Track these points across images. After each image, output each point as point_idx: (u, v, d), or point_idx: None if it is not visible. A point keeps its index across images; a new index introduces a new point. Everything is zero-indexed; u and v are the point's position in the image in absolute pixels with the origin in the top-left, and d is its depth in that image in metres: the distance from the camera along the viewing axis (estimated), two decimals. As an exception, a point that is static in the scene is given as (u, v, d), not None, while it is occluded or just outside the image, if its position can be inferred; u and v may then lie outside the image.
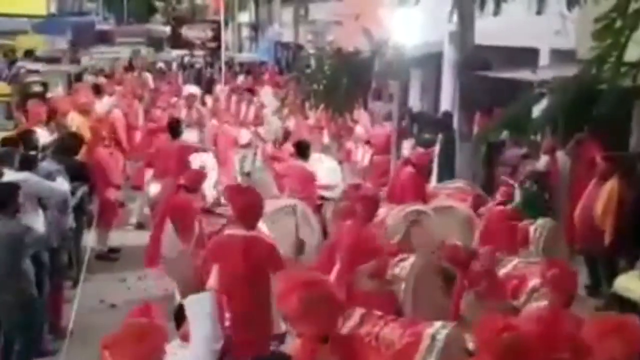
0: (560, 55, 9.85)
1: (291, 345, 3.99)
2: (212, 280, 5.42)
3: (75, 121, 10.38)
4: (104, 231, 9.48)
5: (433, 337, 4.94)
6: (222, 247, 5.67)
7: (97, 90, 13.99)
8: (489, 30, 10.34)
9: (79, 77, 17.59)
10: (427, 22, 11.33)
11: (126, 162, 11.67)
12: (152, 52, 29.56)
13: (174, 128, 10.09)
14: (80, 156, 8.65)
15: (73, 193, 7.45)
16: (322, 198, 9.24)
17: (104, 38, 33.53)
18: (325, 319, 3.65)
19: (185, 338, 4.12)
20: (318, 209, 8.89)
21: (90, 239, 9.15)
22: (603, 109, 4.10)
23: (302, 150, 9.29)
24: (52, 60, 21.49)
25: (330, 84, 3.16)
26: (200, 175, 7.90)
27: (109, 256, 9.39)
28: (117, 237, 9.85)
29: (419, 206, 8.27)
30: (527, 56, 10.62)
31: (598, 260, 8.62)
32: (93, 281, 8.42)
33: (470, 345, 6.50)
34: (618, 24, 3.55)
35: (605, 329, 3.71)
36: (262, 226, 7.44)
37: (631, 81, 3.85)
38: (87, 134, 9.77)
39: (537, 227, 7.50)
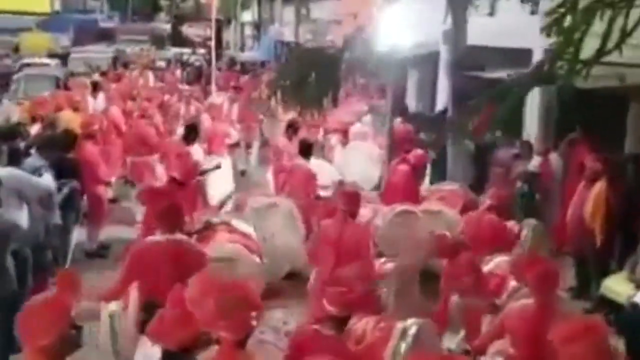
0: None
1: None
2: (134, 292, 5.29)
3: (66, 118, 10.37)
4: (93, 228, 9.47)
5: (404, 331, 4.93)
6: (144, 255, 5.46)
7: (95, 88, 14.04)
8: (484, 30, 10.34)
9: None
10: (423, 22, 11.32)
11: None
12: (154, 50, 29.62)
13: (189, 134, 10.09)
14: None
15: (60, 189, 7.43)
16: (319, 198, 9.23)
17: (107, 36, 33.63)
18: (242, 323, 3.59)
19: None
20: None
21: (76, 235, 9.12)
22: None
23: (305, 149, 9.27)
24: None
25: (298, 79, 3.13)
26: (192, 168, 7.79)
27: (98, 253, 9.38)
28: (110, 234, 9.84)
29: (408, 207, 8.26)
30: (521, 56, 10.59)
31: (588, 262, 8.58)
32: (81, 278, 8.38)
33: (454, 345, 6.53)
34: (568, 20, 3.51)
35: (571, 332, 3.63)
36: (240, 223, 7.44)
37: (584, 79, 3.79)
38: (77, 131, 9.76)
39: (523, 228, 7.46)
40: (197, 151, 9.69)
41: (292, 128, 10.00)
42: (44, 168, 7.20)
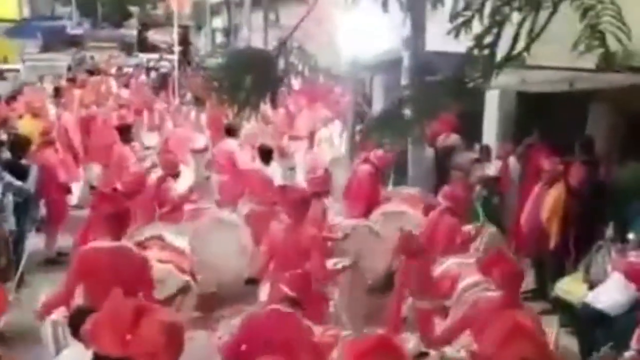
0: (512, 62, 9.92)
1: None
2: (79, 299, 5.24)
3: (26, 124, 10.30)
4: (51, 235, 9.40)
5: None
6: (88, 261, 5.40)
7: (57, 94, 13.98)
8: (443, 36, 10.40)
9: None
10: (388, 28, 11.39)
11: (82, 166, 11.53)
12: (123, 56, 29.49)
13: (125, 133, 10.08)
14: (28, 159, 8.60)
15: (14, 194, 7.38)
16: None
17: (75, 42, 33.40)
18: (182, 350, 3.40)
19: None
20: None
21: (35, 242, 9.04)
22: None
23: (264, 155, 9.29)
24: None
25: (233, 80, 3.14)
26: (138, 179, 7.77)
27: (56, 260, 9.30)
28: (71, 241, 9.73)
29: (369, 222, 8.20)
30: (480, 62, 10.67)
31: (545, 264, 8.70)
32: (34, 286, 8.27)
33: (411, 345, 6.55)
34: (475, 22, 3.56)
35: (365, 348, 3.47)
36: (173, 237, 7.37)
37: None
38: (36, 137, 9.70)
39: (475, 230, 7.53)
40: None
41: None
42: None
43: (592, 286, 7.25)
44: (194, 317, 7.12)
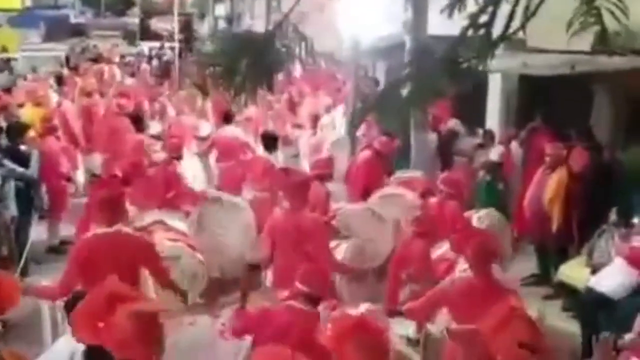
0: (512, 44, 9.86)
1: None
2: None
3: (27, 112, 10.29)
4: (53, 223, 9.40)
5: None
6: (86, 250, 5.34)
7: (60, 81, 13.98)
8: (444, 20, 10.32)
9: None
10: (392, 12, 11.33)
11: (80, 155, 11.48)
12: (126, 44, 29.45)
13: (138, 122, 10.05)
14: (29, 146, 8.61)
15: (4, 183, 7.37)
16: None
17: (78, 31, 33.36)
18: (157, 339, 3.33)
19: None
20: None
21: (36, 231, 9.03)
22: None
23: (268, 141, 9.26)
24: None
25: (228, 65, 3.09)
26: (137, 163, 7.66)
27: (60, 249, 9.30)
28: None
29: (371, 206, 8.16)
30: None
31: (548, 248, 8.67)
32: (40, 273, 8.29)
33: (410, 331, 6.54)
34: (470, 2, 3.51)
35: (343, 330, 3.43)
36: (174, 221, 7.35)
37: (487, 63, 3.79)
38: (38, 125, 9.69)
39: (480, 217, 7.50)
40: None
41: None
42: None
43: (595, 271, 7.22)
44: (197, 303, 7.15)
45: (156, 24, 34.28)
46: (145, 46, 29.93)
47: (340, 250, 6.98)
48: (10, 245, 7.21)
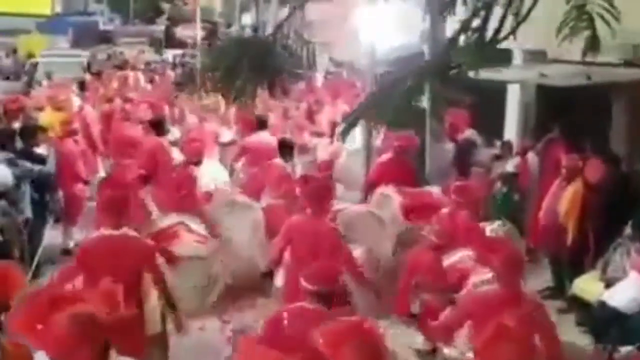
0: (533, 56, 9.82)
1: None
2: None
3: (47, 115, 10.40)
4: (69, 226, 9.48)
5: None
6: (88, 252, 5.39)
7: (82, 87, 14.16)
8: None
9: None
10: (409, 23, 11.31)
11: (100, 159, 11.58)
12: (152, 52, 29.77)
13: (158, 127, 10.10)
14: (45, 148, 8.70)
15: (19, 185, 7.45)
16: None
17: (106, 38, 33.79)
18: (97, 341, 3.20)
19: None
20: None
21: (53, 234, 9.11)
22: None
23: (284, 150, 9.25)
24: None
25: (229, 67, 3.09)
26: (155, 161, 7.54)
27: (74, 251, 9.34)
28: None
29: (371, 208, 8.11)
30: (502, 56, 10.56)
31: (562, 261, 8.55)
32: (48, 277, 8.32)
33: (420, 341, 6.48)
34: (469, 3, 3.48)
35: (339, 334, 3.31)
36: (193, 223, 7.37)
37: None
38: (57, 129, 9.79)
39: (492, 229, 7.43)
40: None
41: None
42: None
43: (609, 285, 7.11)
44: (208, 308, 7.16)
45: (181, 32, 34.67)
46: (170, 53, 30.19)
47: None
48: (22, 247, 7.22)
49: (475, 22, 3.38)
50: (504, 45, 10.52)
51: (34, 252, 7.90)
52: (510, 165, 9.79)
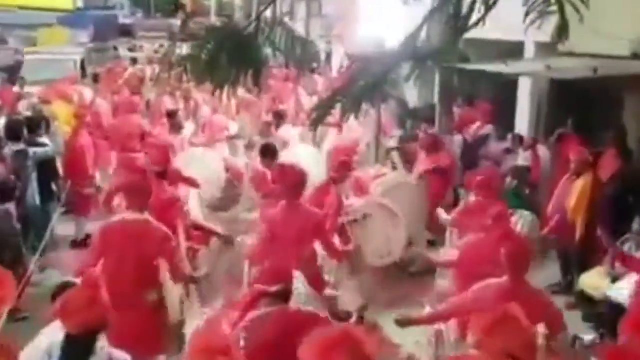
0: (544, 48, 9.71)
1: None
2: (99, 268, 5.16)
3: (57, 108, 10.48)
4: (79, 218, 9.55)
5: None
6: (107, 235, 5.42)
7: (96, 80, 14.25)
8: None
9: None
10: (415, 15, 11.23)
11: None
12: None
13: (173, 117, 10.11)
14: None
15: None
16: None
17: (126, 32, 33.94)
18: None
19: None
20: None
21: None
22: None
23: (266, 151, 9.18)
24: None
25: (210, 57, 3.03)
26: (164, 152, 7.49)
27: (85, 243, 9.41)
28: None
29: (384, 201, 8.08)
30: (514, 49, 10.47)
31: (570, 256, 8.46)
32: (58, 268, 8.31)
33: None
34: None
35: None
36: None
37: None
38: (69, 122, 9.88)
39: (519, 219, 7.37)
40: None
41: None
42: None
43: (615, 280, 7.03)
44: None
45: (194, 25, 34.62)
46: (184, 47, 30.10)
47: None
48: (16, 250, 7.22)
49: (448, 10, 3.30)
50: (515, 37, 10.57)
51: (41, 241, 7.99)
52: (521, 159, 9.70)
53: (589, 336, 5.52)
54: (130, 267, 5.29)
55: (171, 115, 10.64)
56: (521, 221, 8.09)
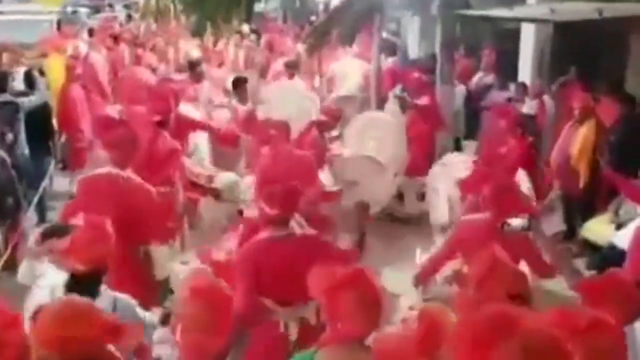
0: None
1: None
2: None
3: (52, 61, 10.30)
4: (73, 173, 9.40)
5: None
6: (87, 188, 5.24)
7: (91, 35, 14.01)
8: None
9: None
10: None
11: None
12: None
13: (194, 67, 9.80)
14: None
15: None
16: None
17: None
18: None
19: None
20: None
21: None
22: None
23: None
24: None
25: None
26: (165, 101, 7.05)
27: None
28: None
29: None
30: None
31: (574, 204, 8.34)
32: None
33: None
34: None
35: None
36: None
37: None
38: (62, 74, 9.69)
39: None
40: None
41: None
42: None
43: (619, 227, 6.92)
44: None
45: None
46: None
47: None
48: (16, 195, 7.09)
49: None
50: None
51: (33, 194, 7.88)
52: (527, 107, 9.54)
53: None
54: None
55: (193, 65, 10.27)
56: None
